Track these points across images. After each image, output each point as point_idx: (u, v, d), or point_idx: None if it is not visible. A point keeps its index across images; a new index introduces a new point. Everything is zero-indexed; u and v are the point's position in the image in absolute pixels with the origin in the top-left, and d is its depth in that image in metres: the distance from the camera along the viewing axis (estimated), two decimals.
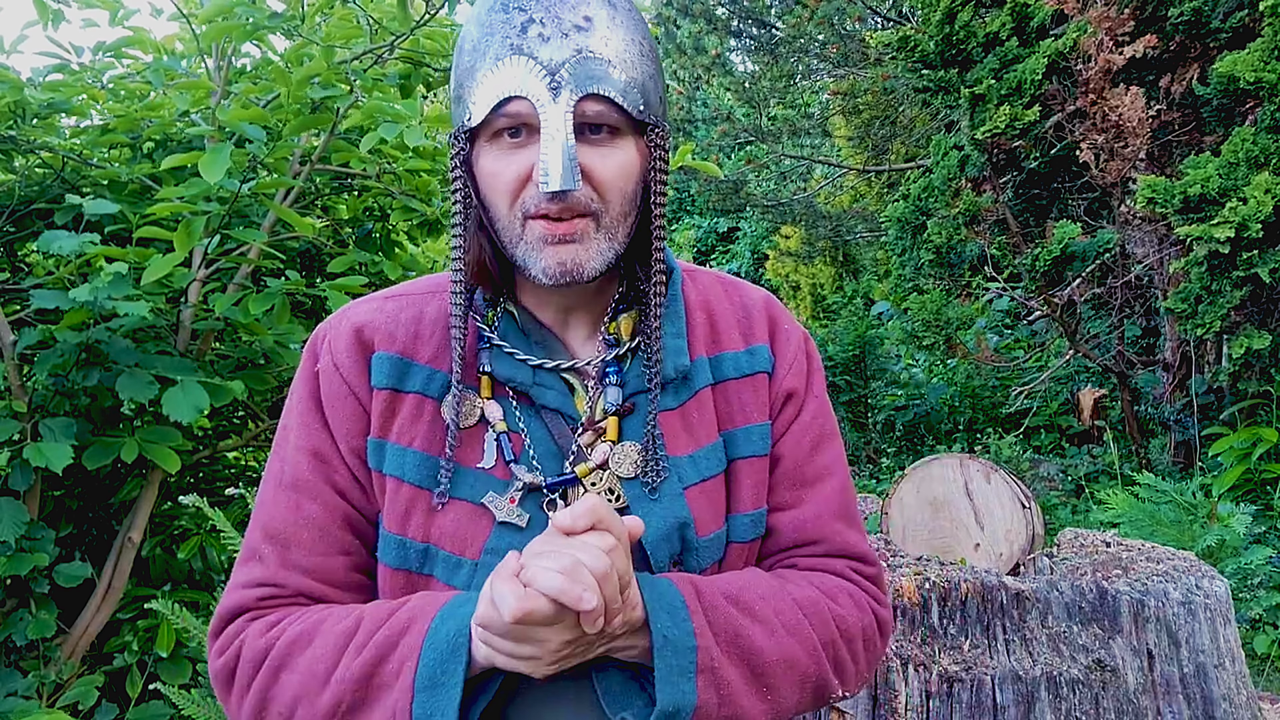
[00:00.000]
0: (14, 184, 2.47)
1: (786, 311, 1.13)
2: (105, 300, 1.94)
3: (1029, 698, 1.90)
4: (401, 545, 0.96)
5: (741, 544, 1.02)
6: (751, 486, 1.03)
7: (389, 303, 1.05)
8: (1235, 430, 4.84)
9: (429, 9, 2.36)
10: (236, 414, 2.98)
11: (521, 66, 0.88)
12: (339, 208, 3.02)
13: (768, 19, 7.70)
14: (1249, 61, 3.98)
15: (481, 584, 0.93)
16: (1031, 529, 2.42)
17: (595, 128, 0.91)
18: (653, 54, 0.96)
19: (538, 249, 0.91)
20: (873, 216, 8.68)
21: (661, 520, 0.96)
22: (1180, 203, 4.01)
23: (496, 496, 0.96)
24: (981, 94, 4.56)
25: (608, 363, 1.01)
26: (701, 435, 1.02)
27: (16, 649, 2.35)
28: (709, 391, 1.04)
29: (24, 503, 2.20)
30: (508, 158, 0.91)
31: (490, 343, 1.00)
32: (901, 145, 8.26)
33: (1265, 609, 3.79)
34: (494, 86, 0.89)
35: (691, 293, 1.09)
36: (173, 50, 2.76)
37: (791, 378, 1.07)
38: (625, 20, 0.93)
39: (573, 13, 0.90)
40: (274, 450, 1.03)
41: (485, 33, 0.91)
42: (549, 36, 0.89)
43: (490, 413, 0.99)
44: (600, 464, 0.98)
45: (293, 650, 0.90)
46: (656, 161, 0.96)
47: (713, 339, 1.06)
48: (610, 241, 0.93)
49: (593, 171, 0.90)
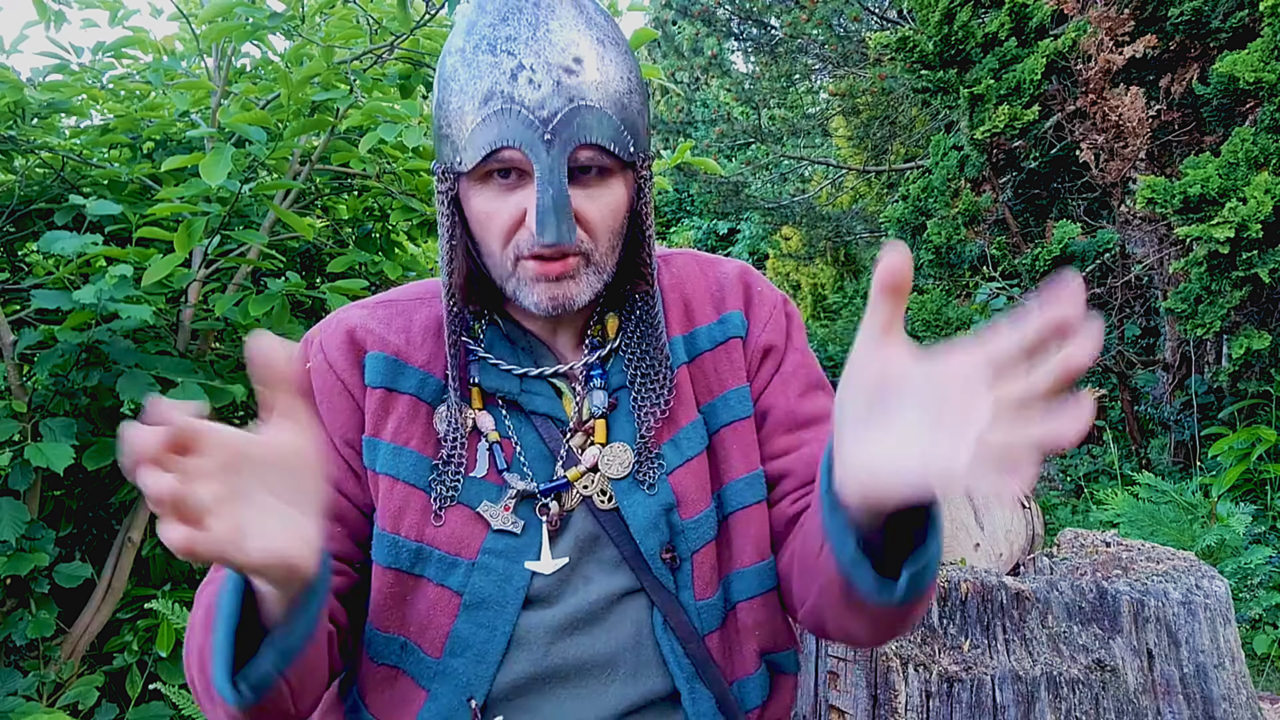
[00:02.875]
0: (14, 184, 2.47)
1: (764, 279, 1.13)
2: (108, 302, 1.94)
3: (1029, 698, 1.90)
4: (394, 544, 0.96)
5: (744, 510, 1.02)
6: (741, 451, 1.03)
7: (380, 308, 1.05)
8: (1235, 430, 4.84)
9: (429, 9, 2.36)
10: (236, 414, 2.98)
11: (514, 117, 0.87)
12: (339, 208, 3.02)
13: (766, 19, 7.70)
14: (1249, 61, 3.98)
15: (476, 585, 0.94)
16: (1031, 529, 2.42)
17: (585, 169, 0.91)
18: (640, 85, 0.97)
19: (529, 284, 0.92)
20: (873, 217, 8.68)
21: (647, 509, 0.97)
22: (1180, 203, 4.01)
23: (491, 505, 0.96)
24: (981, 94, 4.56)
25: (591, 365, 1.01)
26: (681, 417, 1.02)
27: (16, 649, 2.35)
28: (685, 370, 1.04)
29: (24, 503, 2.20)
30: (500, 200, 0.91)
31: (477, 355, 1.01)
32: (901, 145, 8.26)
33: (1265, 609, 3.79)
34: (486, 135, 0.88)
35: (666, 277, 1.09)
36: (173, 50, 2.76)
37: (768, 334, 1.07)
38: (614, 56, 0.92)
39: (562, 55, 0.88)
40: None
41: (472, 75, 0.89)
42: (539, 83, 0.87)
43: (483, 424, 0.99)
44: (590, 467, 0.99)
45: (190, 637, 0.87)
46: (643, 193, 0.97)
47: (686, 318, 1.07)
48: (599, 275, 0.95)
49: (583, 213, 0.91)
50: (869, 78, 7.29)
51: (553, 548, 0.97)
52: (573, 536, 0.98)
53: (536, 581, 0.96)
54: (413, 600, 0.97)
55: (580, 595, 0.97)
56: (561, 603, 0.97)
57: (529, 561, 0.96)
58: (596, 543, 0.99)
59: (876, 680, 1.95)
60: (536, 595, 0.96)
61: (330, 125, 2.34)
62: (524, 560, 0.96)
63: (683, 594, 0.99)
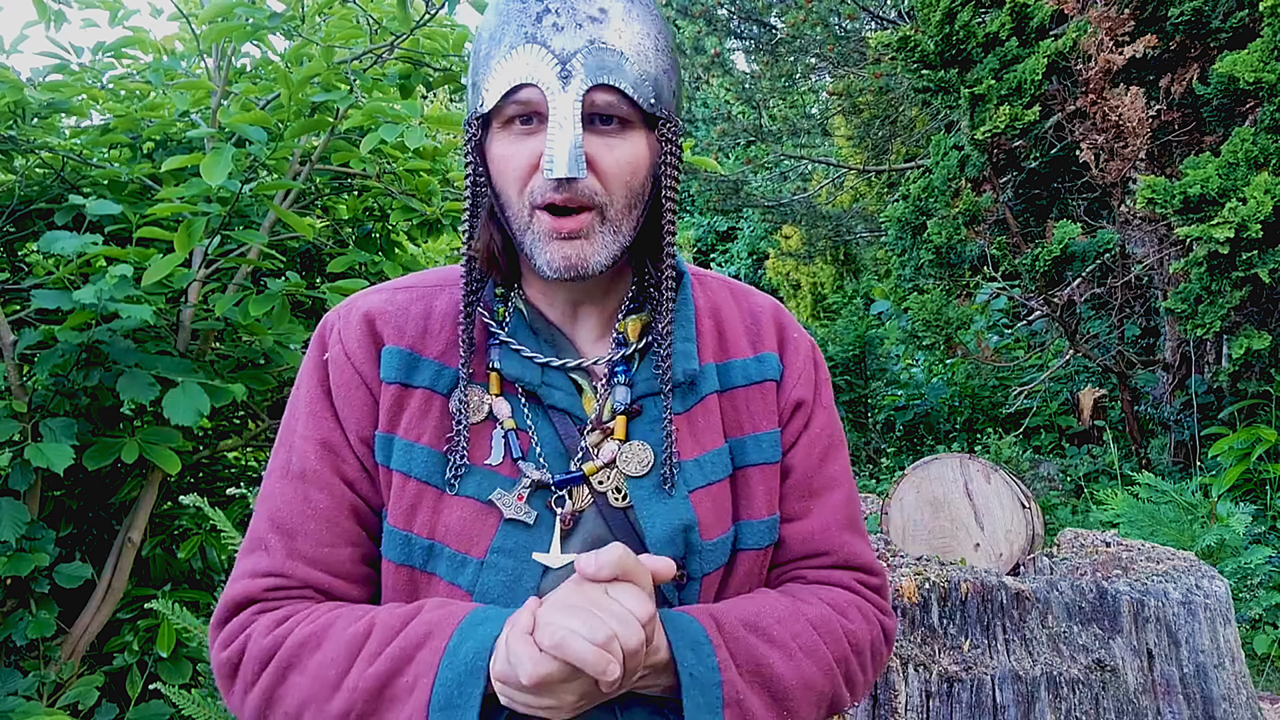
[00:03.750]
0: (14, 184, 2.47)
1: (794, 319, 1.14)
2: (108, 302, 1.94)
3: (1029, 698, 1.90)
4: (406, 541, 0.95)
5: (753, 551, 1.02)
6: (765, 493, 1.03)
7: (399, 294, 1.04)
8: (1235, 430, 4.84)
9: (429, 9, 2.36)
10: (236, 414, 2.98)
11: (533, 54, 0.89)
12: (339, 208, 3.02)
13: (767, 19, 7.70)
14: (1249, 61, 3.98)
15: (486, 584, 0.93)
16: (1031, 529, 2.42)
17: (605, 119, 0.91)
18: (668, 49, 0.97)
19: (544, 242, 0.92)
20: (873, 216, 8.68)
21: (666, 522, 0.96)
22: (1180, 203, 4.01)
23: (504, 493, 0.95)
24: (981, 94, 4.56)
25: (615, 362, 1.01)
26: (707, 440, 1.01)
27: (16, 649, 2.35)
28: (715, 399, 1.03)
29: (24, 503, 2.20)
30: (518, 144, 0.92)
31: (499, 339, 1.00)
32: (901, 145, 8.26)
33: (1265, 609, 3.79)
34: (506, 74, 0.90)
35: (700, 298, 1.09)
36: (173, 50, 2.76)
37: (801, 387, 1.07)
38: (641, 14, 0.94)
39: (588, 4, 0.90)
40: (279, 440, 1.02)
41: (501, 21, 0.92)
42: (563, 26, 0.89)
43: (498, 409, 0.98)
44: (608, 462, 0.98)
45: (301, 651, 0.89)
46: (667, 156, 0.96)
47: (721, 346, 1.06)
48: (615, 235, 0.94)
49: (598, 162, 0.91)
50: (869, 77, 7.29)
51: (562, 547, 0.96)
52: (582, 538, 0.97)
53: (545, 582, 0.94)
54: (424, 597, 0.96)
55: None
56: None
57: (537, 553, 0.94)
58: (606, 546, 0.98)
59: (877, 680, 1.95)
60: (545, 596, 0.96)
61: (330, 125, 2.34)
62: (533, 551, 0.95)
63: None
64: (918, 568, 2.09)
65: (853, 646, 0.99)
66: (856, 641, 1.00)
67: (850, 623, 1.00)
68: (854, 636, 0.99)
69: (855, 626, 1.00)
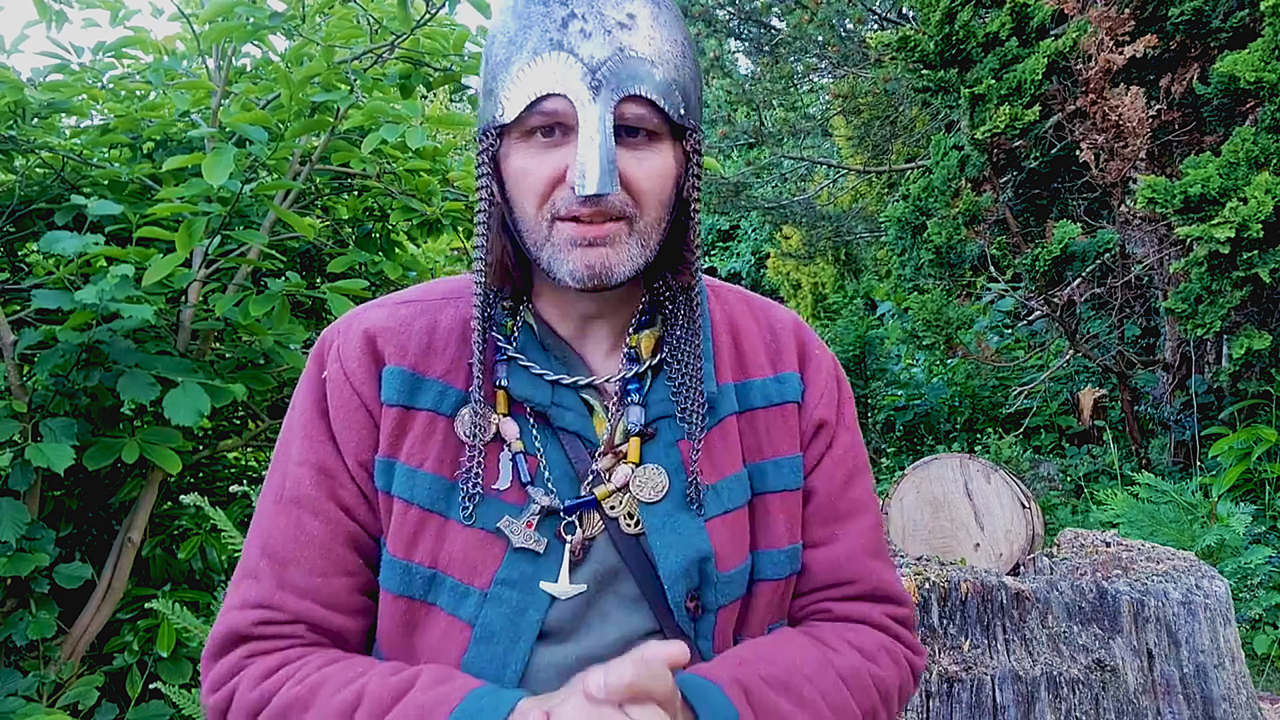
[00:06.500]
0: (14, 184, 2.47)
1: (815, 335, 1.08)
2: (108, 302, 1.93)
3: (1029, 698, 1.91)
4: (406, 570, 0.91)
5: (774, 582, 0.98)
6: (785, 521, 0.98)
7: (402, 309, 0.99)
8: (1235, 430, 4.84)
9: (429, 9, 2.36)
10: (236, 414, 2.98)
11: (561, 63, 0.84)
12: (339, 208, 3.02)
13: (767, 20, 7.70)
14: (1249, 61, 3.97)
15: (488, 618, 0.89)
16: (1031, 529, 2.42)
17: (633, 130, 0.87)
18: (693, 56, 0.93)
19: (566, 251, 0.87)
20: (873, 216, 8.68)
21: (681, 554, 0.92)
22: (1180, 203, 4.01)
23: (512, 520, 0.91)
24: (981, 94, 4.55)
25: (628, 380, 0.96)
26: (725, 465, 0.97)
27: (16, 649, 2.35)
28: (734, 420, 0.99)
29: (24, 503, 2.20)
30: (540, 157, 0.87)
31: (508, 355, 0.96)
32: (901, 145, 8.26)
33: (1265, 609, 3.79)
34: (531, 82, 0.85)
35: (717, 312, 1.04)
36: (173, 50, 2.76)
37: (823, 407, 1.03)
38: (668, 19, 0.90)
39: (616, 9, 0.86)
40: (274, 463, 0.98)
41: (522, 25, 0.86)
42: (591, 32, 0.85)
43: (506, 430, 0.94)
44: (620, 487, 0.93)
45: (288, 715, 0.85)
46: (693, 166, 0.93)
47: (739, 364, 1.01)
48: (642, 248, 0.89)
49: (629, 176, 0.87)
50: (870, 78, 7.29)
51: (571, 577, 0.91)
52: (592, 567, 0.92)
53: (552, 615, 0.90)
54: (423, 629, 0.92)
55: (597, 634, 0.92)
56: (576, 640, 0.91)
57: (545, 583, 0.90)
58: (616, 576, 0.93)
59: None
60: (551, 630, 0.91)
61: (330, 125, 2.34)
62: (540, 582, 0.90)
63: (701, 643, 0.94)
64: (918, 568, 2.09)
65: (881, 695, 0.95)
66: (885, 689, 0.96)
67: (879, 669, 0.96)
68: (882, 684, 0.96)
69: (884, 673, 0.97)
